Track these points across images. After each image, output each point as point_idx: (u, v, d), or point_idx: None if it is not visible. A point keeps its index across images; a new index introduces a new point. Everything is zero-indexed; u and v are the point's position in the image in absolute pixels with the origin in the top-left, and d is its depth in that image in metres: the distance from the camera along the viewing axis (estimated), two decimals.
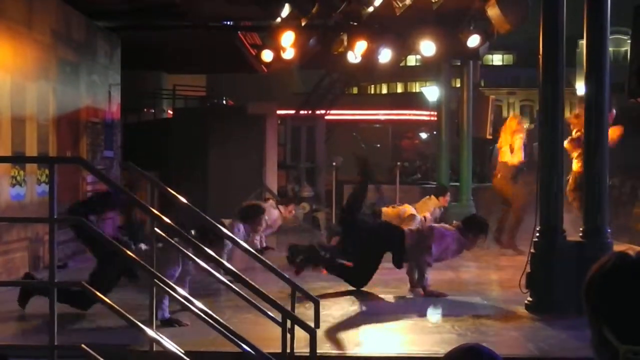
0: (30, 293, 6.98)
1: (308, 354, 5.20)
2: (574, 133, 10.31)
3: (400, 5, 9.85)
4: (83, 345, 4.35)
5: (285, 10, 10.98)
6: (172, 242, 5.71)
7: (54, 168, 4.50)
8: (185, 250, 5.84)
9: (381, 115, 32.92)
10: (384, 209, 11.87)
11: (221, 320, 5.21)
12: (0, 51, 8.70)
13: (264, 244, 11.16)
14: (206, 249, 5.54)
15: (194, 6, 11.47)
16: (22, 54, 9.22)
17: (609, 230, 7.60)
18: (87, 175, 11.00)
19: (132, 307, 5.89)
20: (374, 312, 7.48)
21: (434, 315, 7.44)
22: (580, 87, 18.80)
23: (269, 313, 5.52)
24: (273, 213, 11.34)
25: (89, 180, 11.18)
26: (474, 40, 11.41)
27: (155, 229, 5.10)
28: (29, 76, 9.38)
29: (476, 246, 8.56)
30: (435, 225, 8.63)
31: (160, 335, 4.93)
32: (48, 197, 4.53)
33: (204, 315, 5.23)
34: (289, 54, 11.79)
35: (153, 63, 17.31)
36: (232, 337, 4.98)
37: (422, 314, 7.37)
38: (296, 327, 5.32)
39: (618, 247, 8.22)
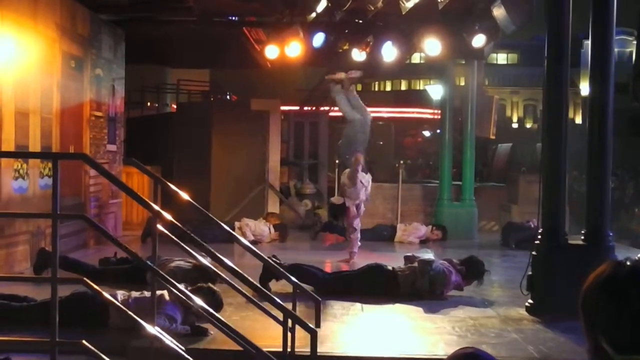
0: (46, 264, 7.23)
1: (309, 354, 5.21)
2: None
3: (406, 4, 9.82)
4: (84, 342, 4.35)
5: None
6: (174, 238, 5.71)
7: (58, 164, 4.50)
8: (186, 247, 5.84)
9: (384, 112, 32.87)
10: None
11: (222, 318, 5.21)
12: (5, 45, 8.70)
13: None
14: (207, 246, 5.53)
15: (199, 0, 11.46)
16: (27, 47, 9.22)
17: (611, 233, 7.59)
18: (90, 169, 11.01)
19: None
20: (375, 312, 7.47)
21: (434, 316, 7.42)
22: (585, 88, 18.78)
23: (270, 312, 5.51)
24: (264, 230, 12.67)
25: (92, 174, 11.19)
26: (479, 40, 11.39)
27: (158, 225, 5.10)
28: (33, 70, 9.37)
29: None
30: (446, 270, 8.12)
31: (161, 332, 4.93)
32: (50, 190, 4.53)
33: (204, 313, 5.24)
34: (293, 50, 11.78)
35: (157, 57, 17.30)
36: (232, 335, 4.98)
37: (423, 315, 7.37)
38: (297, 326, 5.32)
39: (619, 250, 8.23)
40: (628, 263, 1.56)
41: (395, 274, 8.19)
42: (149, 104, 21.00)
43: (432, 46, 11.74)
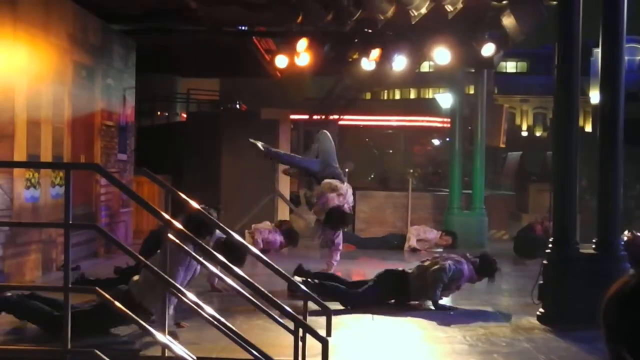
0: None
1: None
2: None
3: (416, 14, 9.84)
4: (95, 350, 4.37)
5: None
6: (185, 248, 5.72)
7: (70, 174, 4.52)
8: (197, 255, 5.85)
9: (394, 121, 32.88)
10: None
11: (232, 327, 5.22)
12: (18, 55, 8.76)
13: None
14: (218, 255, 5.54)
15: (210, 11, 11.50)
16: (39, 57, 9.28)
17: (622, 242, 7.56)
18: (101, 179, 11.04)
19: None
20: (386, 322, 7.46)
21: (445, 325, 7.41)
22: (594, 96, 18.74)
23: (281, 320, 5.51)
24: (275, 237, 12.56)
25: (103, 183, 11.24)
26: (488, 49, 11.39)
27: (169, 235, 5.12)
28: (45, 79, 9.43)
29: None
30: (457, 264, 8.18)
31: (172, 340, 4.94)
32: (62, 199, 4.57)
33: (214, 321, 5.24)
34: (303, 60, 11.81)
35: (167, 67, 17.36)
36: (243, 343, 4.98)
37: (434, 325, 7.35)
38: (308, 335, 5.31)
39: None
40: None
41: (406, 274, 8.22)
42: (159, 113, 21.06)
43: (441, 55, 11.75)
